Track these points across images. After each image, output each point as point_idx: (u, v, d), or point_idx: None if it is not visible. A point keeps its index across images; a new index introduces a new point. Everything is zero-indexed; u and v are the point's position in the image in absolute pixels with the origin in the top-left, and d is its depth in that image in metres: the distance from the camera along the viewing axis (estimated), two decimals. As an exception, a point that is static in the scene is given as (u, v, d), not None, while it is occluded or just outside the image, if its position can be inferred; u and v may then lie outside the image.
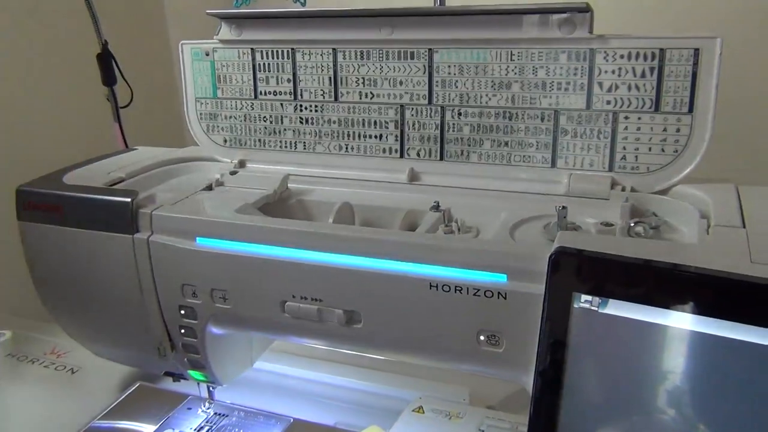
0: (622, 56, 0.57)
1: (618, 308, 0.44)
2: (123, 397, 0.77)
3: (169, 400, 0.76)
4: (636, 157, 0.58)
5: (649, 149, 0.58)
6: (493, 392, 0.77)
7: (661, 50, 0.55)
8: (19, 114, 1.39)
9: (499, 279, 0.49)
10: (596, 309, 0.44)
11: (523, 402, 0.73)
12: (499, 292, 0.49)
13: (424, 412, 0.73)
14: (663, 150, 0.57)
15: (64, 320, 0.70)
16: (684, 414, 0.44)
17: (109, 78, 1.42)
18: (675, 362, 0.43)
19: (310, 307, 0.55)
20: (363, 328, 0.55)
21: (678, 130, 0.56)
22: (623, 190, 0.58)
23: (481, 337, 0.51)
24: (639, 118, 0.57)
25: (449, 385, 0.77)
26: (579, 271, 0.45)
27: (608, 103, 0.58)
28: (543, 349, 0.46)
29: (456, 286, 0.50)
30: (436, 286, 0.51)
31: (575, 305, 0.45)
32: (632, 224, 0.53)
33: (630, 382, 0.45)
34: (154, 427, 0.71)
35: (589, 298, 0.45)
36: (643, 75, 0.56)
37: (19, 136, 1.38)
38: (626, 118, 0.58)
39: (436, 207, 0.57)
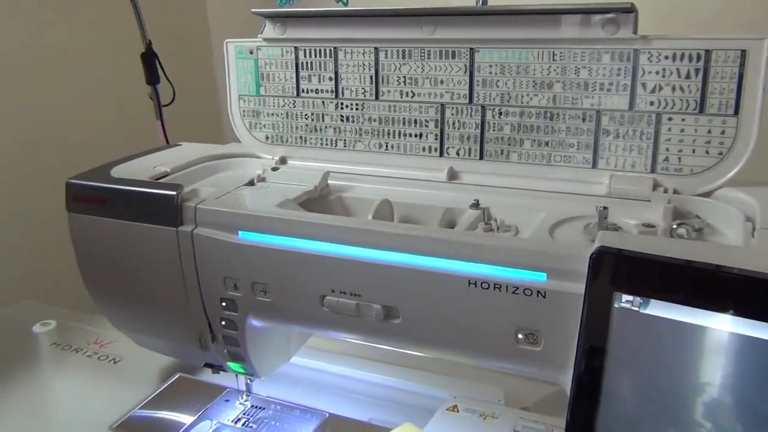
0: (666, 57, 0.56)
1: (660, 309, 0.44)
2: (163, 387, 0.79)
3: (208, 392, 0.77)
4: (679, 158, 0.58)
5: (693, 151, 0.57)
6: (528, 394, 0.76)
7: (707, 51, 0.55)
8: (67, 111, 1.43)
9: (538, 278, 0.49)
10: (637, 309, 0.44)
11: (559, 404, 0.73)
12: (538, 291, 0.49)
13: (458, 411, 0.73)
14: (707, 152, 0.57)
15: (109, 310, 0.71)
16: (724, 419, 0.43)
17: (152, 77, 1.45)
18: (716, 365, 0.43)
19: (348, 301, 0.56)
20: (401, 324, 0.55)
21: (723, 132, 0.56)
22: (665, 191, 0.58)
23: (520, 336, 0.51)
24: (683, 120, 0.57)
25: (484, 385, 0.77)
26: (620, 270, 0.44)
27: (652, 104, 0.58)
28: (582, 349, 0.46)
29: (495, 284, 0.50)
30: (475, 284, 0.51)
31: (616, 305, 0.45)
32: (675, 226, 0.53)
33: (670, 384, 0.44)
34: (193, 418, 0.73)
35: (630, 298, 0.44)
36: (687, 76, 0.56)
37: (68, 132, 1.42)
38: (670, 119, 0.57)
39: (476, 205, 0.57)
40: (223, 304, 0.62)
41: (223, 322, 0.64)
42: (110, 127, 1.50)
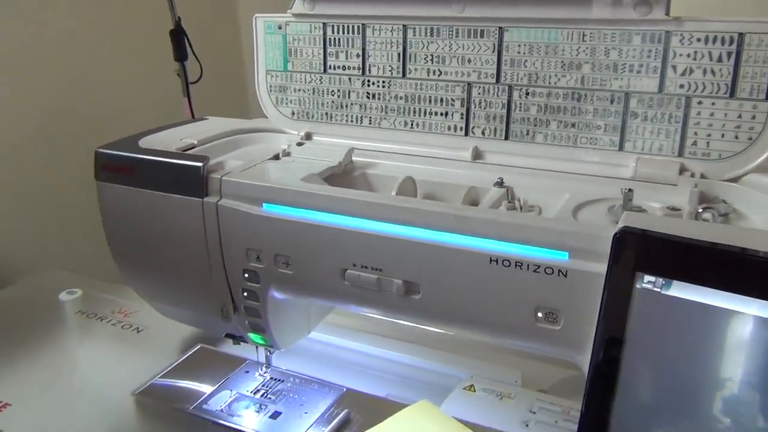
0: (698, 39, 0.56)
1: (682, 291, 0.43)
2: (184, 357, 0.80)
3: (228, 363, 0.79)
4: (708, 143, 0.57)
5: (722, 135, 0.56)
6: (545, 376, 0.76)
7: (740, 34, 0.54)
8: (96, 85, 1.44)
9: (560, 257, 0.49)
10: (659, 290, 0.44)
11: (575, 387, 0.73)
12: (559, 270, 0.49)
13: (475, 391, 0.74)
14: (736, 137, 0.56)
15: (134, 278, 0.73)
16: (744, 407, 0.43)
17: (180, 54, 1.46)
18: (739, 349, 0.43)
19: (370, 276, 0.56)
20: (421, 300, 0.56)
21: (753, 117, 0.55)
22: (692, 176, 0.57)
23: (539, 314, 0.52)
24: (713, 104, 0.56)
25: (502, 366, 0.78)
26: (643, 251, 0.44)
27: (681, 87, 0.57)
28: (601, 329, 0.46)
29: (516, 262, 0.50)
30: (497, 261, 0.51)
31: (637, 286, 0.45)
32: (700, 210, 0.52)
33: (691, 367, 0.44)
34: (213, 388, 0.74)
35: (652, 279, 0.44)
36: (719, 59, 0.55)
37: (97, 105, 1.44)
38: (699, 103, 0.57)
39: (500, 183, 0.57)
40: (246, 275, 0.63)
41: (245, 294, 0.64)
42: (138, 102, 1.52)
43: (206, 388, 0.74)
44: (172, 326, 0.80)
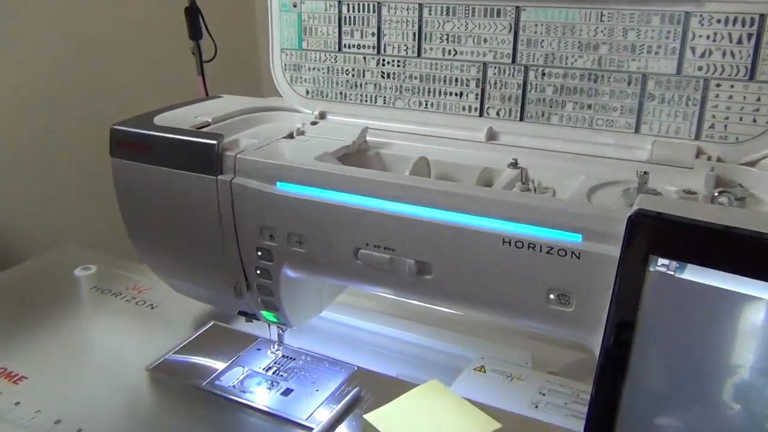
0: (718, 21, 0.55)
1: (696, 274, 0.43)
2: (197, 334, 0.81)
3: (241, 340, 0.79)
4: (725, 126, 0.57)
5: (740, 119, 0.56)
6: (555, 359, 0.77)
7: (761, 15, 0.53)
8: (111, 63, 1.45)
9: (573, 239, 0.49)
10: (673, 274, 0.44)
11: (586, 370, 0.73)
12: (572, 252, 0.49)
13: (485, 372, 0.74)
14: (755, 120, 0.55)
15: (148, 255, 0.73)
16: (757, 389, 0.43)
17: (195, 32, 1.46)
18: (752, 333, 0.43)
19: (382, 255, 0.57)
20: (433, 280, 0.56)
21: (773, 101, 0.54)
22: (709, 159, 0.57)
23: (551, 296, 0.52)
24: (732, 86, 0.56)
25: (512, 348, 0.78)
26: (657, 233, 0.44)
27: (700, 69, 0.56)
28: (614, 311, 0.46)
29: (529, 243, 0.50)
30: (509, 242, 0.51)
31: (651, 268, 0.44)
32: (716, 194, 0.52)
33: (703, 351, 0.44)
34: (225, 364, 0.74)
35: (666, 262, 0.44)
36: (739, 41, 0.54)
37: (111, 83, 1.44)
38: (718, 85, 0.56)
39: (514, 164, 0.57)
40: (259, 253, 0.63)
41: (258, 272, 0.65)
42: (153, 80, 1.52)
43: (219, 365, 0.75)
44: (185, 303, 0.81)
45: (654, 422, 0.46)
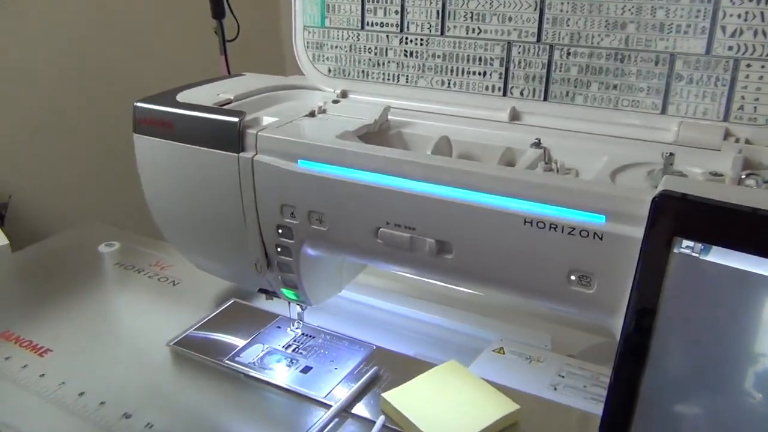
0: (750, -1, 0.53)
1: (721, 256, 0.43)
2: (218, 311, 0.81)
3: (261, 317, 0.80)
4: (755, 107, 0.55)
5: (771, 100, 0.55)
6: (575, 342, 0.76)
7: (796, -6, 0.52)
8: (135, 41, 1.46)
9: (596, 220, 0.49)
10: (697, 256, 0.43)
11: (605, 353, 0.73)
12: (595, 233, 0.49)
13: (504, 353, 0.74)
14: (785, 102, 0.54)
15: (170, 231, 0.74)
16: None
17: (218, 11, 1.46)
18: (776, 317, 0.42)
19: (402, 234, 0.56)
20: (453, 259, 0.56)
21: (804, 81, 0.53)
22: (737, 141, 0.56)
23: (572, 277, 0.51)
24: (762, 67, 0.54)
25: (532, 330, 0.77)
26: (682, 215, 0.43)
27: (730, 49, 0.55)
28: (636, 293, 0.46)
29: (551, 224, 0.50)
30: (531, 222, 0.51)
31: (675, 250, 0.44)
32: (743, 176, 0.51)
33: (727, 336, 0.44)
34: (245, 341, 0.75)
35: (690, 243, 0.43)
36: (772, 20, 0.53)
37: (135, 61, 1.45)
38: (748, 65, 0.55)
39: (537, 144, 0.56)
40: (280, 231, 0.64)
41: (279, 249, 0.65)
42: (176, 59, 1.53)
43: (239, 342, 0.75)
44: (206, 280, 0.81)
45: (674, 408, 0.46)
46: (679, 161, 0.54)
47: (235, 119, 0.62)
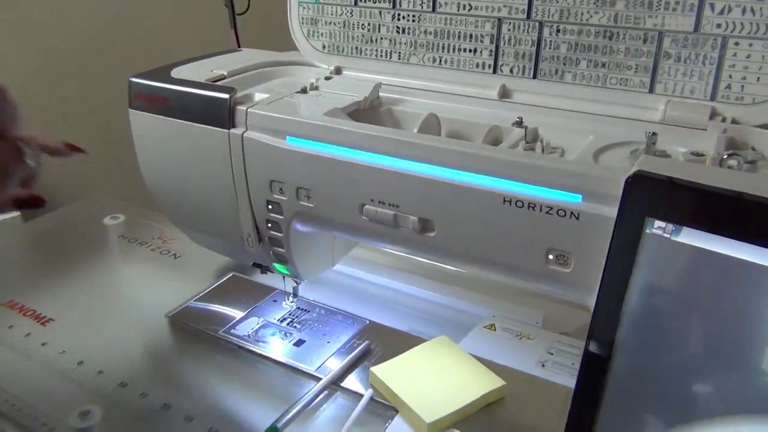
0: (739, -24, 0.53)
1: (692, 238, 0.43)
2: (217, 284, 0.83)
3: (258, 291, 0.81)
4: (742, 86, 0.55)
5: (758, 79, 0.54)
6: (568, 319, 0.77)
7: (785, -30, 0.51)
8: (144, 14, 1.46)
9: (573, 199, 0.49)
10: (669, 236, 0.43)
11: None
12: (572, 212, 0.49)
13: (495, 330, 0.75)
14: (773, 81, 0.53)
15: (166, 205, 0.75)
16: (745, 362, 0.42)
17: (227, -16, 1.46)
18: (750, 300, 0.42)
19: (386, 211, 0.57)
20: (436, 237, 0.56)
21: (793, 60, 0.52)
22: (723, 120, 0.55)
23: (550, 256, 0.51)
24: (750, 45, 0.54)
25: (524, 307, 0.78)
26: (654, 195, 0.43)
27: (718, 26, 0.54)
28: (608, 272, 0.46)
29: (529, 203, 0.50)
30: (510, 201, 0.51)
31: (647, 231, 0.44)
32: (725, 156, 0.50)
33: (697, 317, 0.44)
34: (242, 314, 0.77)
35: (662, 224, 0.43)
36: (761, -3, 0.52)
37: (144, 35, 1.45)
38: (736, 44, 0.54)
39: (519, 123, 0.56)
40: (269, 206, 0.64)
41: (269, 225, 0.66)
42: (185, 32, 1.53)
43: (236, 314, 0.77)
44: (207, 254, 0.83)
45: (645, 390, 0.46)
46: (665, 141, 0.54)
47: (226, 95, 0.63)
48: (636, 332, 0.46)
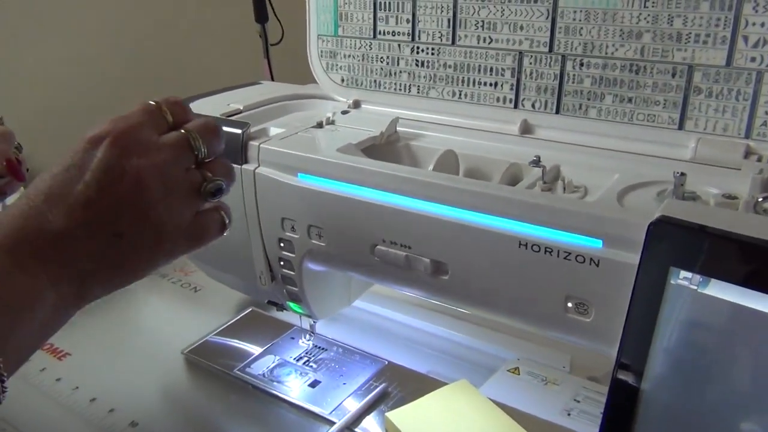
0: (775, 7, 0.49)
1: (721, 290, 0.39)
2: (236, 319, 0.82)
3: (276, 327, 0.80)
4: (779, 123, 0.51)
5: (796, 116, 0.50)
6: (597, 363, 0.73)
7: (824, 0, 0.48)
8: (181, 44, 1.48)
9: (593, 244, 0.46)
10: (695, 288, 0.40)
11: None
12: (591, 258, 0.46)
13: (519, 374, 0.71)
14: (813, 118, 0.50)
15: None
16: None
17: (261, 15, 1.47)
18: (781, 358, 0.38)
19: (398, 252, 0.55)
20: (449, 280, 0.54)
21: (833, 96, 0.49)
22: (759, 160, 0.52)
23: (569, 304, 0.48)
24: (788, 80, 0.50)
25: (550, 349, 0.74)
26: (679, 243, 0.40)
27: (753, 60, 0.51)
28: (630, 325, 0.43)
29: (546, 248, 0.47)
30: (526, 245, 0.48)
31: (672, 281, 0.41)
32: (760, 199, 0.47)
33: (724, 375, 0.40)
34: (260, 350, 0.75)
35: (688, 275, 0.40)
36: (798, 30, 0.49)
37: (176, 60, 1.47)
38: (773, 78, 0.51)
39: (536, 162, 0.53)
40: (282, 244, 0.63)
41: (282, 262, 0.64)
42: (219, 63, 1.55)
43: (254, 350, 0.75)
44: (226, 288, 0.81)
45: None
46: (695, 181, 0.50)
47: (239, 131, 0.62)
48: (660, 390, 0.42)
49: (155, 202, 0.42)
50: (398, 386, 0.70)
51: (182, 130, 0.44)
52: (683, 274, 0.40)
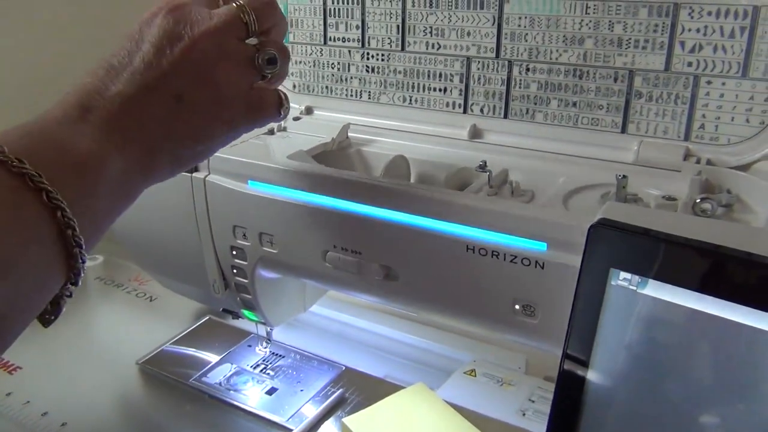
0: (709, 13, 0.51)
1: (659, 291, 0.40)
2: (192, 327, 0.81)
3: (233, 335, 0.79)
4: (716, 126, 0.53)
5: (732, 119, 0.52)
6: (552, 363, 0.73)
7: (755, 8, 0.49)
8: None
9: (537, 247, 0.47)
10: (634, 289, 0.41)
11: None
12: (536, 261, 0.46)
13: (476, 376, 0.72)
14: (747, 120, 0.51)
15: (134, 250, 0.73)
16: (718, 418, 0.40)
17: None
18: (716, 355, 0.39)
19: (350, 258, 0.55)
20: (400, 285, 0.54)
21: (767, 99, 0.50)
22: (698, 162, 0.53)
23: (516, 306, 0.49)
24: (723, 84, 0.52)
25: (506, 351, 0.75)
26: (618, 245, 0.41)
27: (690, 65, 0.52)
28: (573, 325, 0.43)
29: (493, 251, 0.48)
30: (473, 249, 0.49)
31: (612, 282, 0.42)
32: (698, 200, 0.48)
33: (663, 372, 0.41)
34: (217, 358, 0.74)
35: (627, 276, 0.41)
36: (731, 35, 0.50)
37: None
38: (709, 82, 0.52)
39: (482, 167, 0.54)
40: (234, 252, 0.62)
41: (235, 270, 0.64)
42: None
43: (211, 359, 0.75)
44: (183, 297, 0.81)
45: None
46: (637, 183, 0.52)
47: (189, 139, 0.61)
48: (604, 387, 0.43)
49: (211, 64, 0.42)
50: (356, 391, 0.70)
51: (234, 4, 0.44)
52: (623, 275, 0.41)
